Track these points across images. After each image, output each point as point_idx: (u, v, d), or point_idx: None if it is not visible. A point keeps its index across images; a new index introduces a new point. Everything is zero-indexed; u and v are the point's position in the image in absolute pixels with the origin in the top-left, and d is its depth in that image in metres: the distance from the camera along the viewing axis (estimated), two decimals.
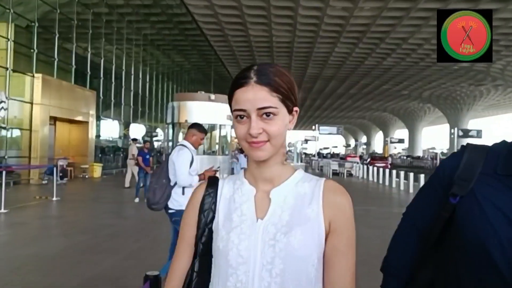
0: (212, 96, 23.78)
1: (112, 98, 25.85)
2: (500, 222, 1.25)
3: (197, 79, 43.86)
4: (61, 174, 16.70)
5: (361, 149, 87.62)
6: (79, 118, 20.49)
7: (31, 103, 17.13)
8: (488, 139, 56.43)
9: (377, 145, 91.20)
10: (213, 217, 1.20)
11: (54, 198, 12.37)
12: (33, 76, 17.26)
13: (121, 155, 27.15)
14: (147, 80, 31.16)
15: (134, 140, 16.25)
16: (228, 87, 1.20)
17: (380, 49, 31.25)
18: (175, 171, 4.67)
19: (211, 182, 1.27)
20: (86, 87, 21.97)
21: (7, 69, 16.27)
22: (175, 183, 4.71)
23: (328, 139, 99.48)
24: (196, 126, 5.03)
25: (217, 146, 26.02)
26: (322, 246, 1.16)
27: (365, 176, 26.20)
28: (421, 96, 53.03)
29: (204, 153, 24.33)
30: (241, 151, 19.57)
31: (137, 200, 12.58)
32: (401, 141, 67.31)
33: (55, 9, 19.63)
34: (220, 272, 1.15)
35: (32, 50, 17.90)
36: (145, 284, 2.76)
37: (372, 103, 61.84)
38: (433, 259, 1.45)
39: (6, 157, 16.12)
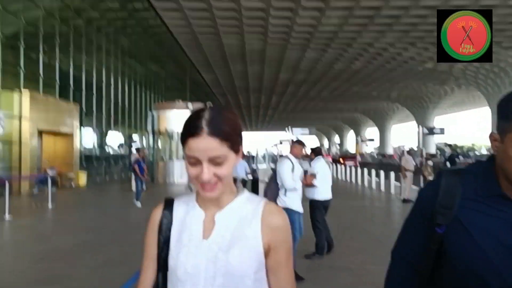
0: (190, 105, 24.95)
1: (94, 109, 26.82)
2: (494, 247, 1.21)
3: (173, 87, 44.78)
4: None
5: (334, 149, 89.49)
6: (64, 130, 21.46)
7: (20, 118, 18.03)
8: (450, 136, 58.71)
9: (350, 144, 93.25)
10: (169, 236, 1.35)
11: (50, 205, 13.46)
12: (21, 93, 18.14)
13: (103, 163, 28.11)
14: (126, 90, 32.12)
15: (137, 150, 17.22)
16: (203, 92, 1.70)
17: (348, 54, 32.83)
18: (281, 177, 5.99)
19: (167, 204, 1.40)
20: (70, 100, 22.96)
21: None
22: (282, 186, 6.01)
23: (302, 140, 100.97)
24: (298, 141, 6.70)
25: None
26: (261, 262, 1.30)
27: (334, 175, 27.71)
28: (389, 97, 54.96)
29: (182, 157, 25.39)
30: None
31: (139, 204, 13.68)
32: (371, 140, 68.78)
33: (37, 26, 20.60)
34: (173, 284, 1.32)
35: (18, 67, 18.82)
36: None
37: (343, 105, 63.58)
38: None
39: None
